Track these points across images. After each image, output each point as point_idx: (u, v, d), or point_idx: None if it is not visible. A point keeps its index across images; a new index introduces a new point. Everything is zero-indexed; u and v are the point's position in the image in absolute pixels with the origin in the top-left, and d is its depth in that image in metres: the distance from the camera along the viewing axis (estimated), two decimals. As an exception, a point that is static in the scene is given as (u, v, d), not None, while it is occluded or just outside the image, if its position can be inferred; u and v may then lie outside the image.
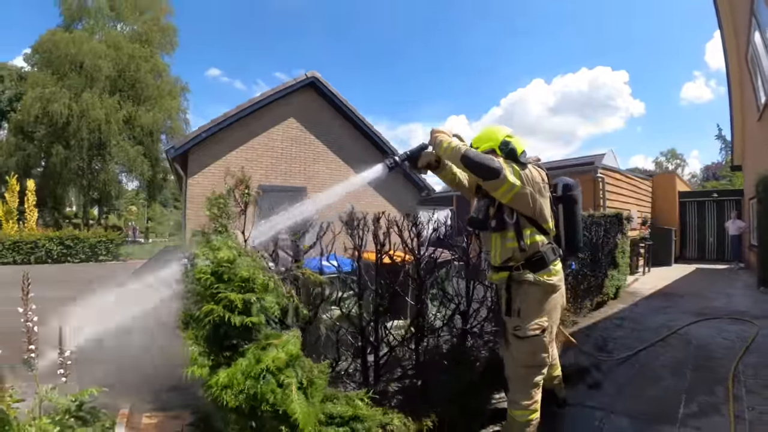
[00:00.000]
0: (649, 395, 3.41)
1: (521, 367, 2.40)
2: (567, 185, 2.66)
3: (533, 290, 2.34)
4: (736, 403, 3.11)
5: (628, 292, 8.00)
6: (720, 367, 3.91)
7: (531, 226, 2.35)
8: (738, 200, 14.01)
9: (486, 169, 2.18)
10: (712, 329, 5.30)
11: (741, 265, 12.19)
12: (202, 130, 9.63)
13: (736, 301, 7.20)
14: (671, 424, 2.87)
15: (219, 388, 1.74)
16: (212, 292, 1.85)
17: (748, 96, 9.61)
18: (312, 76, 11.51)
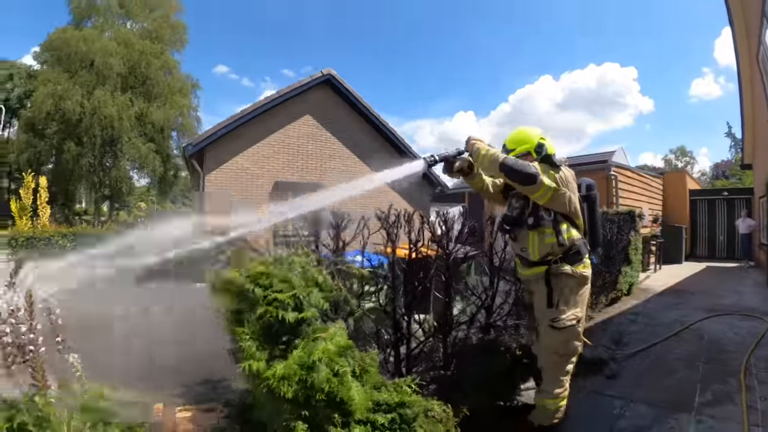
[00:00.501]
0: (665, 385, 3.57)
1: (556, 355, 2.53)
2: (589, 185, 2.82)
3: (570, 282, 2.48)
4: (748, 393, 3.26)
5: (640, 289, 8.13)
6: (732, 360, 4.06)
7: (566, 222, 2.50)
8: (748, 199, 14.05)
9: (524, 175, 2.32)
10: (724, 325, 5.45)
11: (751, 263, 12.25)
12: (219, 127, 9.78)
13: (746, 299, 7.32)
14: (687, 412, 3.04)
15: (276, 380, 1.86)
16: (267, 293, 2.01)
17: (759, 95, 9.65)
18: (328, 73, 11.66)
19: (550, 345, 2.52)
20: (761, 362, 3.93)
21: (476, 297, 3.35)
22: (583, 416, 3.01)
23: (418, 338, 3.13)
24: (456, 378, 2.89)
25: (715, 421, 2.90)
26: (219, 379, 3.46)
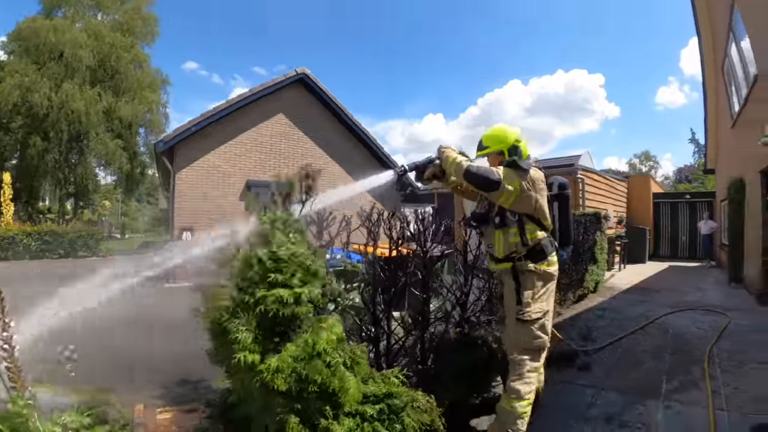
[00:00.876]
0: (633, 375, 3.75)
1: (523, 350, 2.55)
2: (562, 184, 2.89)
3: (534, 278, 2.56)
4: (712, 380, 3.48)
5: (606, 287, 8.46)
6: (696, 351, 4.30)
7: (532, 223, 2.56)
8: (710, 202, 14.74)
9: (486, 182, 2.39)
10: (687, 320, 5.73)
11: (712, 263, 12.86)
12: (191, 124, 9.60)
13: (708, 295, 7.70)
14: (655, 398, 3.21)
15: (270, 373, 1.87)
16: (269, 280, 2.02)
17: (723, 104, 10.15)
18: (302, 72, 11.61)
19: (518, 339, 2.57)
20: (723, 353, 4.17)
21: (452, 294, 3.44)
22: (558, 404, 3.14)
23: (396, 335, 3.18)
24: (435, 372, 2.95)
25: (683, 405, 3.09)
26: (198, 379, 3.44)
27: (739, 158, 8.56)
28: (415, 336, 3.20)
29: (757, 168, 6.69)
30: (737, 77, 8.06)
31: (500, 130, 2.73)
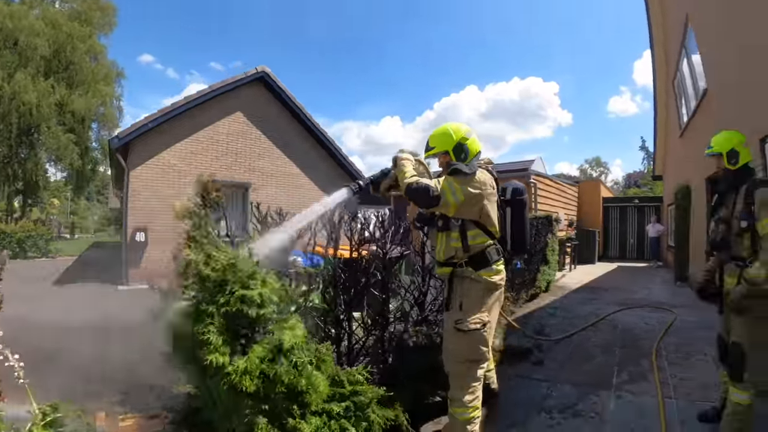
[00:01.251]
0: (586, 368, 3.95)
1: (462, 362, 2.45)
2: (516, 190, 2.77)
3: (475, 286, 2.46)
4: (660, 372, 3.72)
5: (557, 286, 8.84)
6: (644, 345, 4.57)
7: (476, 228, 2.48)
8: (657, 206, 15.67)
9: (426, 200, 2.34)
10: (636, 316, 6.06)
11: (659, 263, 13.65)
12: (148, 120, 9.25)
13: (655, 294, 8.17)
14: (607, 389, 3.41)
15: (238, 375, 1.87)
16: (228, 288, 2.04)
17: (673, 115, 10.84)
18: (262, 70, 11.44)
19: (456, 349, 2.46)
20: (670, 347, 4.46)
21: (410, 294, 3.50)
22: (515, 397, 3.28)
23: (357, 335, 3.22)
24: (395, 370, 3.00)
25: (633, 395, 3.30)
26: (156, 384, 3.35)
27: (686, 166, 9.14)
28: (376, 336, 3.23)
29: (703, 175, 7.17)
30: (687, 91, 8.63)
31: (444, 130, 2.61)
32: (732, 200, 2.60)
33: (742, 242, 2.49)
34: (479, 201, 2.43)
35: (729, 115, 5.36)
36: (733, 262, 2.56)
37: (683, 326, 5.39)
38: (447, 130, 2.59)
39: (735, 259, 2.55)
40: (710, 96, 6.47)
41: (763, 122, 4.04)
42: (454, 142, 2.53)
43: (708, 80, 6.56)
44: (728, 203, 2.64)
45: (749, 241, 2.45)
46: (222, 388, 1.92)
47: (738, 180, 2.59)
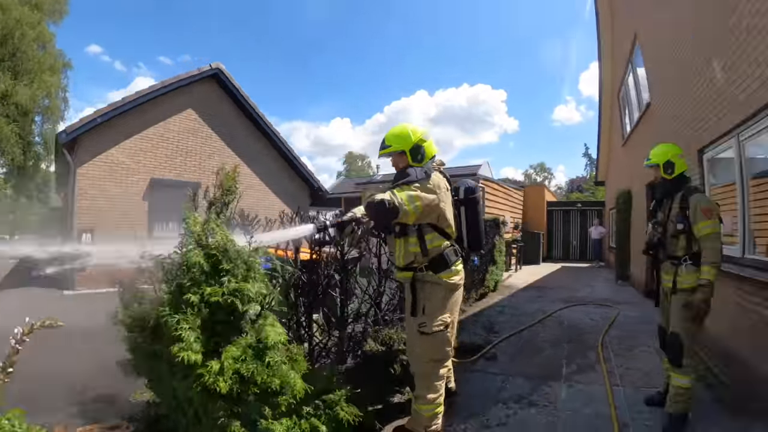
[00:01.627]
0: (536, 362, 4.18)
1: (427, 362, 2.54)
2: (469, 189, 2.80)
3: (437, 289, 2.53)
4: (606, 363, 4.01)
5: (504, 286, 9.26)
6: (590, 339, 4.88)
7: (433, 232, 2.53)
8: (599, 210, 16.72)
9: (387, 213, 2.35)
10: (581, 313, 6.45)
11: (601, 263, 14.61)
12: (97, 114, 8.71)
13: (598, 291, 8.74)
14: (558, 380, 3.63)
15: (212, 375, 1.83)
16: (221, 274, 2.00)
17: (616, 125, 11.60)
18: (216, 67, 11.12)
19: (422, 351, 2.54)
20: (614, 340, 4.79)
21: (367, 295, 3.55)
22: (472, 390, 3.43)
23: (316, 336, 3.25)
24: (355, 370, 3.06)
25: (583, 385, 3.55)
26: (113, 393, 3.21)
27: (627, 173, 9.80)
28: (336, 337, 3.26)
29: (643, 181, 7.73)
30: (631, 103, 9.24)
31: (403, 129, 2.60)
32: (668, 205, 2.96)
33: (677, 243, 2.84)
34: (437, 206, 2.48)
35: (669, 127, 5.81)
36: (668, 261, 2.92)
37: (625, 321, 5.81)
38: (405, 129, 2.58)
39: (670, 258, 2.89)
40: (653, 109, 6.98)
41: (701, 135, 4.40)
42: (412, 143, 2.53)
43: (651, 94, 7.07)
44: (665, 208, 2.99)
45: (684, 242, 2.80)
46: (195, 390, 1.86)
47: (674, 187, 2.93)
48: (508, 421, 2.89)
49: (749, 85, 3.18)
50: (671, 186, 2.94)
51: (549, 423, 2.86)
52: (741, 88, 3.29)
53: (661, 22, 5.75)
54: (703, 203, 2.75)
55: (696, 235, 2.72)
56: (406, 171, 2.49)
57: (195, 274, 1.98)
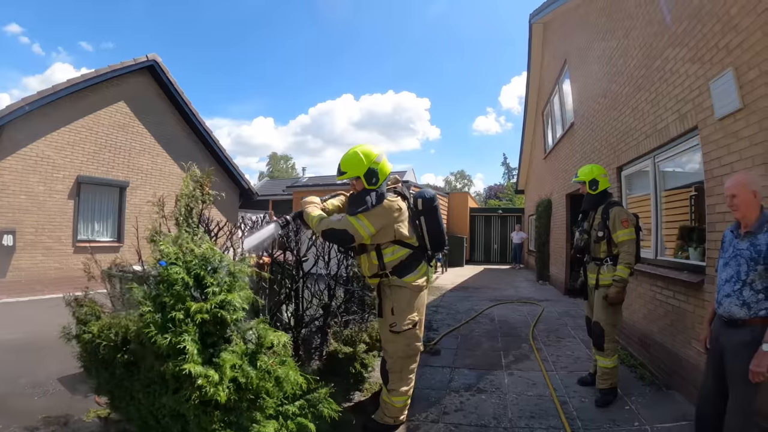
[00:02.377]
0: (477, 354, 4.64)
1: (399, 358, 2.78)
2: (428, 199, 2.88)
3: (403, 292, 2.75)
4: (539, 352, 4.50)
5: (434, 287, 9.92)
6: (521, 333, 5.43)
7: (393, 245, 2.74)
8: (519, 216, 18.16)
9: (342, 240, 2.65)
10: (509, 309, 7.07)
11: (521, 265, 15.93)
12: (25, 103, 7.77)
13: (522, 291, 9.61)
14: (500, 370, 4.08)
15: (212, 386, 1.86)
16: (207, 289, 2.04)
17: (539, 140, 12.69)
18: (152, 59, 10.43)
19: (394, 349, 2.78)
20: (542, 333, 5.40)
21: (318, 299, 3.74)
22: (426, 383, 3.76)
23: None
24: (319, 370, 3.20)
25: (522, 372, 4.06)
26: (63, 413, 3.06)
27: (548, 183, 10.81)
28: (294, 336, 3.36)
29: (563, 192, 8.59)
30: (555, 120, 10.16)
31: (354, 156, 2.69)
32: (592, 216, 3.61)
33: (599, 247, 3.50)
34: (390, 227, 2.68)
35: (590, 146, 6.57)
36: (593, 262, 3.57)
37: (550, 316, 6.55)
38: (357, 155, 2.68)
39: (594, 260, 3.56)
40: (576, 129, 7.78)
41: (619, 155, 5.08)
42: (366, 168, 2.66)
43: (576, 115, 7.83)
44: (590, 219, 3.65)
45: (605, 247, 3.44)
46: (192, 403, 1.86)
47: (597, 201, 3.57)
48: (463, 407, 3.25)
49: (667, 118, 3.79)
50: (595, 200, 3.59)
51: (499, 405, 3.27)
52: (661, 118, 3.92)
53: (592, 55, 6.48)
54: (622, 215, 3.36)
55: (615, 241, 3.36)
56: (362, 197, 2.67)
57: (178, 290, 2.01)
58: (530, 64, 11.87)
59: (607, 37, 5.63)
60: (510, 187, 39.08)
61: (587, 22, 6.67)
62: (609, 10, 5.50)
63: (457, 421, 2.99)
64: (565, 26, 8.59)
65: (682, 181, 4.14)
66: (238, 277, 2.12)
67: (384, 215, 2.65)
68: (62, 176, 8.73)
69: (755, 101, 2.65)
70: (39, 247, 8.24)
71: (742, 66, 2.76)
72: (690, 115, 3.47)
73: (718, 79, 3.01)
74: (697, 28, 3.28)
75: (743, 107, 2.76)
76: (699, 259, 3.52)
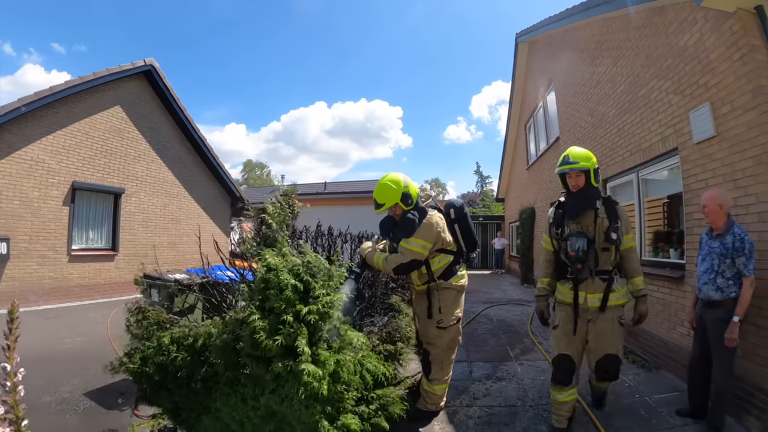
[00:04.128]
0: (486, 349, 5.10)
1: (443, 351, 3.13)
2: (457, 209, 3.24)
3: (449, 292, 3.12)
4: (541, 345, 4.95)
5: None
6: (520, 330, 5.97)
7: (438, 255, 3.08)
8: (499, 224, 18.79)
9: (412, 268, 2.99)
10: (504, 310, 7.60)
11: (502, 271, 16.54)
12: (22, 104, 7.58)
13: (510, 293, 10.19)
14: (510, 361, 4.56)
15: (316, 380, 2.05)
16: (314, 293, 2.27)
17: (521, 151, 13.27)
18: (150, 63, 10.46)
19: (440, 342, 3.11)
20: (539, 329, 5.96)
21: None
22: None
23: None
24: None
25: (530, 362, 4.60)
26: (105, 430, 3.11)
27: (532, 192, 11.43)
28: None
29: (548, 201, 9.19)
30: (538, 134, 10.81)
31: (386, 187, 3.03)
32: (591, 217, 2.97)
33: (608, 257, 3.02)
34: (438, 238, 3.04)
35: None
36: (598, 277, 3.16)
37: None
38: (388, 185, 3.03)
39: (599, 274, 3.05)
40: (561, 143, 8.35)
41: (605, 169, 5.72)
42: (400, 193, 3.01)
43: (561, 131, 8.44)
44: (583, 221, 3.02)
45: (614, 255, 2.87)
46: (299, 399, 2.04)
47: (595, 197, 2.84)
48: (489, 392, 3.73)
49: (651, 138, 4.42)
50: (595, 195, 2.84)
51: (519, 389, 3.78)
52: (645, 139, 4.55)
53: (579, 77, 7.07)
54: (626, 216, 2.90)
55: (621, 247, 2.80)
56: (407, 219, 3.00)
57: (289, 294, 2.22)
58: (514, 78, 12.43)
59: (596, 62, 6.23)
60: (488, 194, 40.12)
61: (575, 47, 7.27)
62: (598, 40, 6.11)
63: (488, 404, 3.45)
64: (552, 48, 9.19)
65: (662, 191, 4.80)
66: (335, 280, 2.38)
67: (431, 228, 3.00)
68: (57, 182, 8.53)
69: (727, 131, 3.32)
70: (33, 256, 8.02)
71: (717, 101, 3.42)
72: (671, 138, 4.09)
73: (697, 110, 3.65)
74: (680, 66, 3.91)
75: (717, 135, 3.41)
76: (679, 258, 4.16)
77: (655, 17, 4.38)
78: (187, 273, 4.50)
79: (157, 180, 10.92)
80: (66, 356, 4.87)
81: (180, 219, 11.53)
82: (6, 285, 7.61)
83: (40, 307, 7.71)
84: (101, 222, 9.64)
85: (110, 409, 3.49)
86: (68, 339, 5.66)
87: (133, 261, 9.97)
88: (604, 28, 5.86)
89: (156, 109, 10.95)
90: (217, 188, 12.91)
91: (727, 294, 2.78)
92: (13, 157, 7.76)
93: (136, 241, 10.26)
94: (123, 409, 3.46)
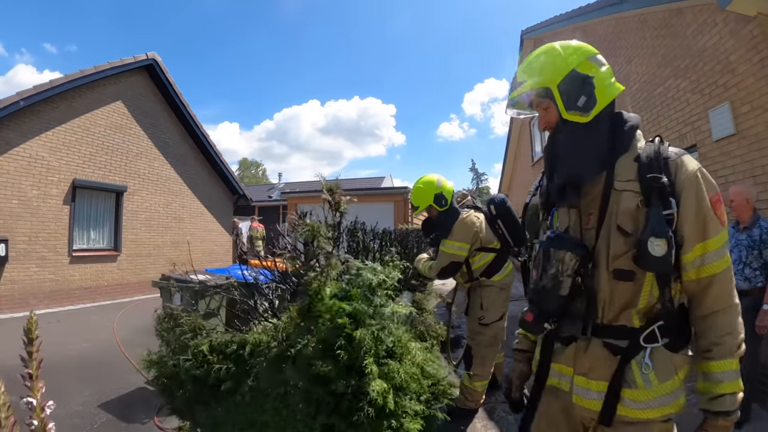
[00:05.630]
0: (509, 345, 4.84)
1: (485, 347, 3.11)
2: (498, 204, 3.15)
3: (491, 290, 3.12)
4: None
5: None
6: None
7: (478, 254, 3.12)
8: (500, 221, 18.63)
9: (454, 270, 3.11)
10: (516, 306, 7.43)
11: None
12: (20, 97, 7.26)
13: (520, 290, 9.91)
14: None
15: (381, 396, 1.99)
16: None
17: (524, 147, 13.28)
18: (152, 58, 10.17)
19: (483, 340, 3.12)
20: None
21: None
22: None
23: None
24: None
25: None
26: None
27: (534, 189, 11.34)
28: None
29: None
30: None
31: (419, 190, 3.16)
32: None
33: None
34: (476, 240, 3.07)
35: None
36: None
37: None
38: (420, 188, 3.15)
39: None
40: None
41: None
42: (432, 195, 3.10)
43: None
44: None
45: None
46: (366, 417, 1.93)
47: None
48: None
49: (668, 136, 4.38)
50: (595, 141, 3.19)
51: None
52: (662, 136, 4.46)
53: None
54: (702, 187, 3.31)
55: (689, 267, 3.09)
56: (441, 220, 3.10)
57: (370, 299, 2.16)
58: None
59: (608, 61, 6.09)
60: (486, 191, 40.25)
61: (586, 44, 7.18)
62: (611, 39, 6.11)
63: (524, 397, 3.37)
64: (560, 44, 9.14)
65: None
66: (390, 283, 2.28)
67: (465, 228, 3.04)
68: (57, 179, 8.21)
69: (746, 129, 3.46)
70: (33, 257, 7.73)
71: (736, 101, 3.53)
72: (689, 135, 4.11)
73: (717, 109, 3.73)
74: (699, 66, 3.96)
75: (736, 133, 3.49)
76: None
77: (673, 18, 4.42)
78: (208, 273, 4.34)
79: (160, 178, 10.66)
80: (74, 364, 4.65)
81: (183, 217, 11.29)
82: (5, 288, 7.33)
83: (41, 311, 7.39)
84: (103, 221, 9.36)
85: (131, 423, 3.28)
86: (73, 345, 5.44)
87: (136, 261, 9.82)
88: (618, 27, 5.85)
89: (158, 105, 10.66)
90: (220, 186, 12.66)
91: (755, 284, 2.97)
92: (10, 154, 7.43)
93: (139, 240, 10.01)
94: (144, 421, 3.26)
